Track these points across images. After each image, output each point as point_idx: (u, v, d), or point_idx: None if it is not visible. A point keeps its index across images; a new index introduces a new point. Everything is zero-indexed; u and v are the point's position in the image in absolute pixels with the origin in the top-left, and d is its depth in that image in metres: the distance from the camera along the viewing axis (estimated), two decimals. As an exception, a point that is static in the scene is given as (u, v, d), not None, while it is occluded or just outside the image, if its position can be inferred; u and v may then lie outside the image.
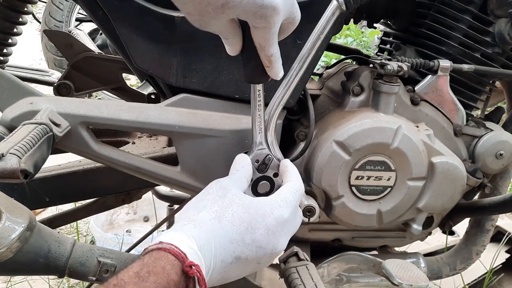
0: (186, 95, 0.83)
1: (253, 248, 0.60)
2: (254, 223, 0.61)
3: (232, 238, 0.59)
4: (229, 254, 0.58)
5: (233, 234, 0.59)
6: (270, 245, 0.62)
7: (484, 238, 1.10)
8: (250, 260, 0.60)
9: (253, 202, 0.63)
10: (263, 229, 0.61)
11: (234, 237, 0.59)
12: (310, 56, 0.75)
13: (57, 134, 0.71)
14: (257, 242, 0.60)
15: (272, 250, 0.63)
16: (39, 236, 0.74)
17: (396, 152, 0.85)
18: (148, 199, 1.78)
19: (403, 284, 0.80)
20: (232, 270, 0.60)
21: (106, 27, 0.81)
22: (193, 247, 0.54)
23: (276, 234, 0.63)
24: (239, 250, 0.59)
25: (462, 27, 0.91)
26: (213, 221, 0.59)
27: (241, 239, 0.59)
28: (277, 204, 0.64)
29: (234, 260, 0.59)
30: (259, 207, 0.63)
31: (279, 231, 0.63)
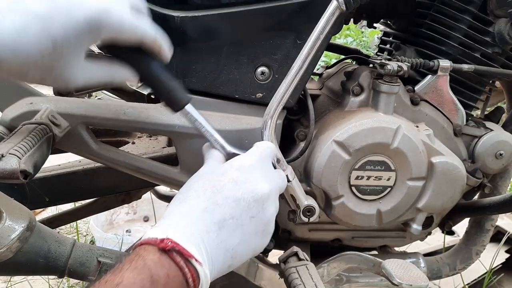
0: (186, 95, 0.83)
1: (230, 203, 0.58)
2: (218, 183, 0.59)
3: (202, 208, 0.57)
4: (209, 222, 0.56)
5: (202, 204, 0.57)
6: (247, 192, 0.59)
7: (484, 238, 1.10)
8: (238, 217, 0.58)
9: (209, 168, 0.64)
10: (229, 183, 0.59)
11: (205, 205, 0.57)
12: (310, 56, 0.75)
13: (57, 134, 0.71)
14: (231, 196, 0.58)
15: (253, 196, 0.59)
16: (39, 236, 0.74)
17: (396, 152, 0.85)
18: (148, 199, 1.78)
19: (403, 284, 0.80)
20: (228, 238, 0.57)
21: (106, 27, 0.81)
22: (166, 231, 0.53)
23: (247, 181, 0.60)
24: (217, 213, 0.57)
25: (462, 27, 0.91)
26: (180, 204, 0.58)
27: (212, 203, 0.57)
28: (235, 159, 0.64)
29: (220, 225, 0.56)
30: (217, 168, 0.63)
31: (248, 177, 0.61)
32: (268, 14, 0.80)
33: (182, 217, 0.56)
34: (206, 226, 0.55)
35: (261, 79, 0.83)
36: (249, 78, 0.83)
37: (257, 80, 0.83)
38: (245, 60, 0.82)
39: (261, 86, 0.83)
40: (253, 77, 0.83)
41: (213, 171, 0.63)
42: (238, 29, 0.81)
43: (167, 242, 0.51)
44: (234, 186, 0.59)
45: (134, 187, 1.09)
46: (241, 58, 0.82)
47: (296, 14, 0.80)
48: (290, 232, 1.00)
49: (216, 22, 0.79)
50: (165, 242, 0.51)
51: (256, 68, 0.82)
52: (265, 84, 0.83)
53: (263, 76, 0.83)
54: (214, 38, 0.81)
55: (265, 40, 0.81)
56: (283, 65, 0.82)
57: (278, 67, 0.82)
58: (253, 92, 0.83)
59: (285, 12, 0.80)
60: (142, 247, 0.51)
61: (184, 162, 0.84)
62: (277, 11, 0.80)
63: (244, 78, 0.83)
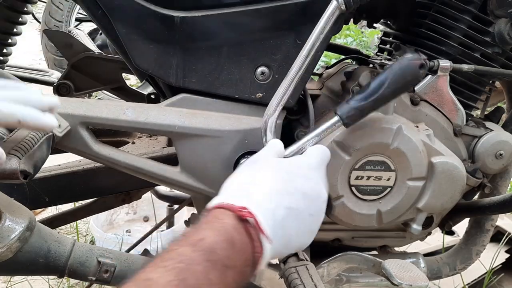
0: (186, 95, 0.83)
1: (298, 195, 0.61)
2: (291, 174, 0.63)
3: (276, 189, 0.59)
4: (279, 205, 0.58)
5: (276, 185, 0.60)
6: (314, 191, 0.63)
7: (484, 238, 1.10)
8: (301, 210, 0.60)
9: (283, 160, 0.67)
10: (301, 177, 0.63)
11: (278, 187, 0.59)
12: (310, 56, 0.76)
13: (57, 134, 0.71)
14: (300, 189, 0.61)
15: (317, 196, 0.64)
16: (39, 236, 0.74)
17: (396, 152, 0.85)
18: (147, 199, 1.78)
19: (403, 284, 0.80)
20: (289, 224, 0.59)
21: (105, 27, 0.81)
22: (241, 200, 0.55)
23: (315, 181, 0.65)
24: (287, 199, 0.59)
25: (462, 27, 0.91)
26: (252, 180, 0.60)
27: (284, 189, 0.60)
28: (303, 157, 0.69)
29: (287, 212, 0.58)
30: (290, 161, 0.67)
31: (316, 177, 0.66)
32: (268, 14, 0.80)
33: (257, 191, 0.58)
34: (276, 208, 0.57)
35: (261, 79, 0.83)
36: (249, 78, 0.83)
37: (257, 80, 0.83)
38: (245, 60, 0.82)
39: (261, 86, 0.83)
40: (253, 77, 0.83)
41: (287, 160, 0.67)
42: (238, 29, 0.81)
43: (245, 212, 0.53)
44: (304, 181, 0.63)
45: (134, 187, 1.09)
46: (241, 58, 0.82)
47: (296, 14, 0.80)
48: (290, 232, 1.00)
49: (216, 22, 0.79)
50: (243, 211, 0.53)
51: (256, 68, 0.82)
52: (265, 84, 0.83)
53: (263, 76, 0.83)
54: (214, 38, 0.81)
55: (265, 40, 0.81)
56: (283, 65, 0.82)
57: (278, 67, 0.82)
58: (253, 92, 0.83)
59: (285, 12, 0.80)
60: (219, 211, 0.54)
61: (184, 162, 0.84)
62: (277, 11, 0.80)
63: (244, 78, 0.83)
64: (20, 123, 0.58)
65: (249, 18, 0.80)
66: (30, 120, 0.59)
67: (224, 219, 0.52)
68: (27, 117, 0.58)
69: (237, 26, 0.81)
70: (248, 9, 0.80)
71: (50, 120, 0.61)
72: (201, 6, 0.80)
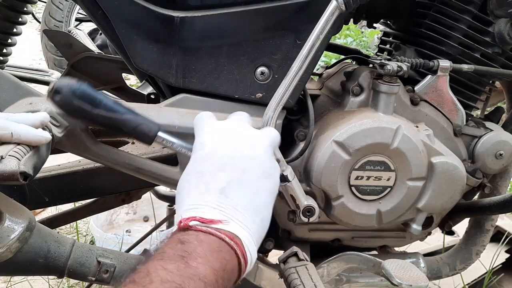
0: (185, 95, 0.83)
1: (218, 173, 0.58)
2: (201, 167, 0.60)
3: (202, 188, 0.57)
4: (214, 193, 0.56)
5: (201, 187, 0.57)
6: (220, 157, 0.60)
7: (484, 238, 1.10)
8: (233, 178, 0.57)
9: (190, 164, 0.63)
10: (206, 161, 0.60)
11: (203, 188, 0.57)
12: (310, 56, 0.76)
13: (57, 135, 0.71)
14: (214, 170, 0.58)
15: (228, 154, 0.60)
16: (39, 236, 0.74)
17: (395, 152, 0.85)
18: (147, 199, 1.78)
19: (403, 284, 0.80)
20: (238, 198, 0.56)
21: (105, 27, 0.81)
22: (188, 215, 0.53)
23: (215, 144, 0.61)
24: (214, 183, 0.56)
25: (462, 27, 0.91)
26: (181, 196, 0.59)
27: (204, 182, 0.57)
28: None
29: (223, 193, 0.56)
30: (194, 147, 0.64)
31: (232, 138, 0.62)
32: (268, 14, 0.80)
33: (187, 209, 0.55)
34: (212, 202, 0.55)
35: (261, 79, 0.83)
36: (249, 78, 0.83)
37: (257, 80, 0.83)
38: (245, 60, 0.82)
39: (261, 86, 0.83)
40: (253, 77, 0.83)
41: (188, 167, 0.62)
42: (238, 29, 0.81)
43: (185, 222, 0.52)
44: (206, 161, 0.60)
45: (134, 187, 1.09)
46: (241, 58, 0.82)
47: (296, 14, 0.80)
48: (290, 232, 1.00)
49: (216, 22, 0.79)
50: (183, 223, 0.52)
51: (256, 68, 0.82)
52: (265, 84, 0.83)
53: (263, 76, 0.83)
54: (214, 38, 0.81)
55: (265, 40, 0.81)
56: (283, 65, 0.82)
57: (278, 67, 0.82)
58: (253, 92, 0.83)
59: (285, 12, 0.80)
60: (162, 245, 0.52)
61: (183, 162, 0.84)
62: (277, 11, 0.80)
63: (244, 78, 0.83)
64: (13, 136, 0.59)
65: (249, 18, 0.80)
66: (22, 133, 0.60)
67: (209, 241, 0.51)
68: (20, 130, 0.60)
69: (237, 26, 0.81)
70: (248, 9, 0.80)
71: (42, 133, 0.64)
72: (201, 6, 0.80)
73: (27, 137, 0.61)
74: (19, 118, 0.63)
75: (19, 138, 0.60)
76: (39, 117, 0.65)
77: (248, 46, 0.81)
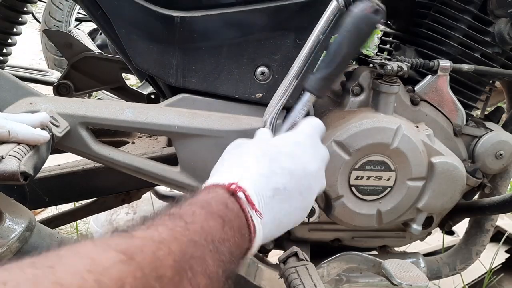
0: (185, 95, 0.83)
1: (285, 175, 0.60)
2: (274, 154, 0.62)
3: (260, 173, 0.58)
4: (265, 187, 0.57)
5: (260, 169, 0.59)
6: (299, 167, 0.62)
7: (484, 238, 1.10)
8: (289, 189, 0.60)
9: (266, 141, 0.67)
10: (285, 156, 0.62)
11: (262, 171, 0.59)
12: (310, 56, 0.75)
13: (57, 135, 0.71)
14: (285, 169, 0.60)
15: (304, 173, 0.62)
16: (39, 236, 0.74)
17: (396, 152, 0.85)
18: (147, 199, 1.78)
19: (403, 284, 0.80)
20: (278, 206, 0.58)
21: (105, 27, 0.81)
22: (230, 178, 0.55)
23: (301, 157, 0.63)
24: (273, 181, 0.59)
25: (462, 27, 0.91)
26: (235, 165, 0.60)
27: (269, 170, 0.59)
28: (289, 134, 0.68)
29: (274, 193, 0.58)
30: (273, 141, 0.66)
31: (301, 153, 0.64)
32: (268, 14, 0.80)
33: (243, 175, 0.57)
34: (262, 189, 0.57)
35: (261, 79, 0.83)
36: (249, 78, 0.83)
37: (257, 80, 0.83)
38: (245, 60, 0.82)
39: (261, 86, 0.83)
40: (253, 77, 0.83)
41: (266, 143, 0.66)
42: (238, 29, 0.81)
43: (235, 187, 0.53)
44: (289, 159, 0.62)
45: (134, 187, 1.09)
46: (241, 58, 0.82)
47: (296, 14, 0.80)
48: (290, 232, 1.00)
49: (216, 22, 0.79)
50: (233, 186, 0.53)
51: (256, 68, 0.82)
52: (265, 84, 0.83)
53: (263, 76, 0.83)
54: (214, 38, 0.81)
55: (265, 40, 0.81)
56: (283, 65, 0.82)
57: (278, 67, 0.82)
58: (253, 92, 0.83)
59: (285, 12, 0.80)
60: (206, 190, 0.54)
61: (183, 162, 0.84)
62: (277, 11, 0.80)
63: (244, 78, 0.83)
64: (10, 135, 0.59)
65: (249, 18, 0.80)
66: (19, 131, 0.60)
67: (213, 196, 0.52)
68: (17, 129, 0.60)
69: (237, 26, 0.81)
70: (248, 9, 0.79)
71: (41, 133, 0.64)
72: (201, 6, 0.80)
73: (24, 136, 0.61)
74: (18, 118, 0.63)
75: (16, 136, 0.60)
76: (38, 117, 0.66)
77: (248, 46, 0.81)
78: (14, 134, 0.60)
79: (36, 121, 0.65)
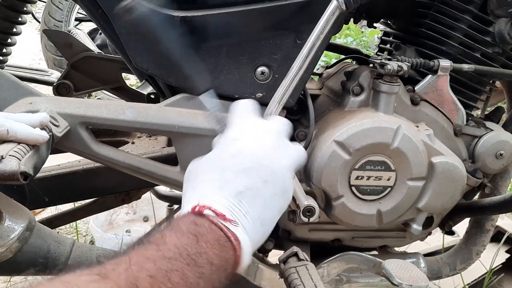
0: (185, 95, 0.83)
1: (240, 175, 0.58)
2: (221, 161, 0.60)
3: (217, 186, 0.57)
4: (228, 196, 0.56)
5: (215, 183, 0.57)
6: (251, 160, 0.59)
7: (484, 238, 1.10)
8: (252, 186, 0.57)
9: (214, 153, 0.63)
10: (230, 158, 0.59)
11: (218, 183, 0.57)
12: (310, 56, 0.75)
13: (57, 135, 0.71)
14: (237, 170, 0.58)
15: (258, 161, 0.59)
16: (39, 236, 0.74)
17: (396, 152, 0.85)
18: (147, 199, 1.78)
19: (403, 284, 0.80)
20: (251, 206, 0.57)
21: (105, 27, 0.81)
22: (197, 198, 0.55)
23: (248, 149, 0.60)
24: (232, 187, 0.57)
25: (462, 27, 0.91)
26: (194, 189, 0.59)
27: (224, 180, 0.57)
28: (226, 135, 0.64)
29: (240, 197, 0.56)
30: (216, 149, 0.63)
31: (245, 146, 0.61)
32: (268, 14, 0.80)
33: (202, 195, 0.57)
34: (226, 199, 0.56)
35: (261, 79, 0.83)
36: (249, 78, 0.83)
37: (257, 80, 0.83)
38: (245, 60, 0.82)
39: (261, 86, 0.83)
40: (253, 77, 0.83)
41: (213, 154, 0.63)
42: (238, 29, 0.81)
43: (198, 207, 0.53)
44: (234, 159, 0.59)
45: (134, 187, 1.09)
46: (241, 58, 0.82)
47: (296, 14, 0.80)
48: (290, 232, 1.00)
49: (216, 22, 0.79)
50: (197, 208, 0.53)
51: (256, 68, 0.82)
52: (265, 84, 0.83)
53: (263, 76, 0.83)
54: (214, 38, 0.81)
55: (265, 40, 0.81)
56: (283, 65, 0.82)
57: (278, 67, 0.82)
58: (253, 92, 0.83)
59: (285, 12, 0.80)
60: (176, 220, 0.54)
61: (183, 162, 0.84)
62: (277, 11, 0.79)
63: (244, 78, 0.82)
64: (9, 134, 0.59)
65: (249, 18, 0.80)
66: (18, 130, 0.60)
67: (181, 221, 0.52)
68: (16, 128, 0.60)
69: (237, 26, 0.80)
70: (248, 9, 0.79)
71: (40, 132, 0.63)
72: (201, 6, 0.80)
73: (23, 135, 0.61)
74: (18, 117, 0.63)
75: (15, 135, 0.60)
76: (38, 117, 0.65)
77: (248, 46, 0.81)
78: (12, 133, 0.59)
79: (36, 121, 0.65)
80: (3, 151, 0.57)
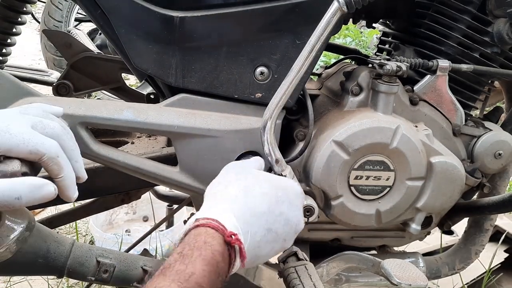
0: (185, 95, 0.83)
1: (281, 220, 0.63)
2: (280, 196, 0.64)
3: (263, 211, 0.61)
4: (261, 226, 0.60)
5: (263, 207, 0.61)
6: (294, 218, 0.65)
7: (483, 237, 1.10)
8: (279, 234, 0.63)
9: (275, 177, 0.68)
10: (287, 202, 0.65)
11: (264, 209, 0.61)
12: (310, 57, 0.76)
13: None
14: (284, 214, 0.64)
15: (296, 225, 0.66)
16: (38, 236, 0.74)
17: (395, 152, 0.85)
18: (147, 199, 1.78)
19: (402, 284, 0.80)
20: (264, 245, 0.61)
21: (105, 27, 0.81)
22: (230, 219, 0.57)
23: (297, 208, 0.67)
24: (270, 221, 0.62)
25: (461, 27, 0.91)
26: (243, 194, 0.62)
27: (271, 211, 0.62)
28: (292, 180, 0.71)
29: (266, 233, 0.61)
30: (280, 182, 0.68)
31: (298, 205, 0.68)
32: (267, 14, 0.80)
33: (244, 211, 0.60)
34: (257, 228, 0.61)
35: (260, 79, 0.83)
36: (248, 78, 0.83)
37: (256, 80, 0.83)
38: (244, 60, 0.82)
39: (260, 86, 0.83)
40: (252, 77, 0.83)
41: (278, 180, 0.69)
42: (237, 29, 0.81)
43: (233, 239, 0.55)
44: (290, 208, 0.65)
45: (133, 187, 1.09)
46: (241, 58, 0.82)
47: (295, 15, 0.80)
48: (290, 232, 1.00)
49: (215, 22, 0.79)
50: (232, 238, 0.55)
51: (255, 68, 0.82)
52: (264, 84, 0.83)
53: (262, 76, 0.83)
54: (213, 38, 0.81)
55: (264, 40, 0.81)
56: (282, 65, 0.82)
57: (277, 67, 0.82)
58: (252, 92, 0.83)
59: (285, 12, 0.80)
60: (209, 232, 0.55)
61: (183, 162, 0.84)
62: (276, 11, 0.80)
63: (243, 78, 0.83)
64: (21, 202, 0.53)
65: (248, 18, 0.80)
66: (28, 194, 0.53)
67: (213, 245, 0.53)
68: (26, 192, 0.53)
69: (236, 26, 0.81)
70: (247, 9, 0.80)
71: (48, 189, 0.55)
72: (201, 6, 0.80)
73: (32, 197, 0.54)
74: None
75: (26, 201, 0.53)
76: (57, 109, 0.66)
77: (247, 46, 0.81)
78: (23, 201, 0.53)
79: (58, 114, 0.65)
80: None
